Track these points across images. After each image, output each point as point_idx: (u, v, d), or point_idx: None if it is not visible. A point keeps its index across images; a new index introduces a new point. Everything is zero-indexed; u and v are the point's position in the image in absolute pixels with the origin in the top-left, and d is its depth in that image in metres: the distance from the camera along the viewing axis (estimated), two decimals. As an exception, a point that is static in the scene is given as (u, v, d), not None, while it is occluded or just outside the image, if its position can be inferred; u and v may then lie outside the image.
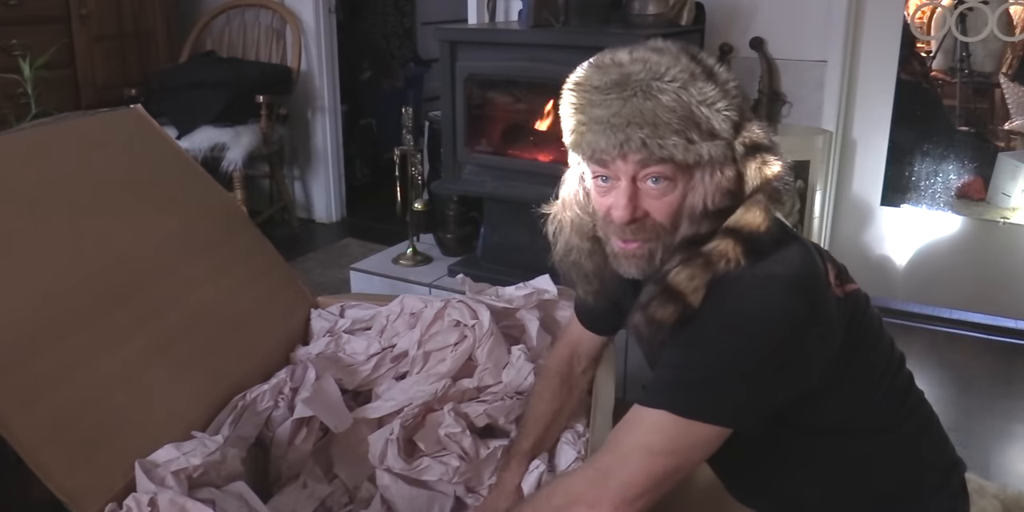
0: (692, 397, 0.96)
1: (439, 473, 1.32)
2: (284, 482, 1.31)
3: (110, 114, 1.66)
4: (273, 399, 1.36)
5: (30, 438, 1.04)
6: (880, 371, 1.12)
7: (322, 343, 1.57)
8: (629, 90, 0.97)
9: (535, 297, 1.63)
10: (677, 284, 0.97)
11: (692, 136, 0.96)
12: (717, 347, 0.96)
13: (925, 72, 2.96)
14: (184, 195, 1.64)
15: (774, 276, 0.96)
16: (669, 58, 0.99)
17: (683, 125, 0.96)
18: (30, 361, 1.11)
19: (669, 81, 0.97)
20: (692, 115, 0.96)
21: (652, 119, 0.96)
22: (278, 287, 1.68)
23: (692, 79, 0.97)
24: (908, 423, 1.15)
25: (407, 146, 2.63)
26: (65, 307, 1.22)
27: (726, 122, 0.98)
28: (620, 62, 1.00)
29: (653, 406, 0.98)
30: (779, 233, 1.01)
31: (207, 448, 1.13)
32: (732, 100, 0.99)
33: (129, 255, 1.39)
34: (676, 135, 0.96)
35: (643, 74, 0.97)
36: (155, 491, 1.03)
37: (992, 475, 1.95)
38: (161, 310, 1.37)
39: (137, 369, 1.25)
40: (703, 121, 0.97)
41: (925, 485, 1.15)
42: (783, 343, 0.95)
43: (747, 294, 0.95)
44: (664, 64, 0.98)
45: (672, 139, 0.96)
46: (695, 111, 0.96)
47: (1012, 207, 2.83)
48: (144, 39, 3.70)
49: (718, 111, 0.97)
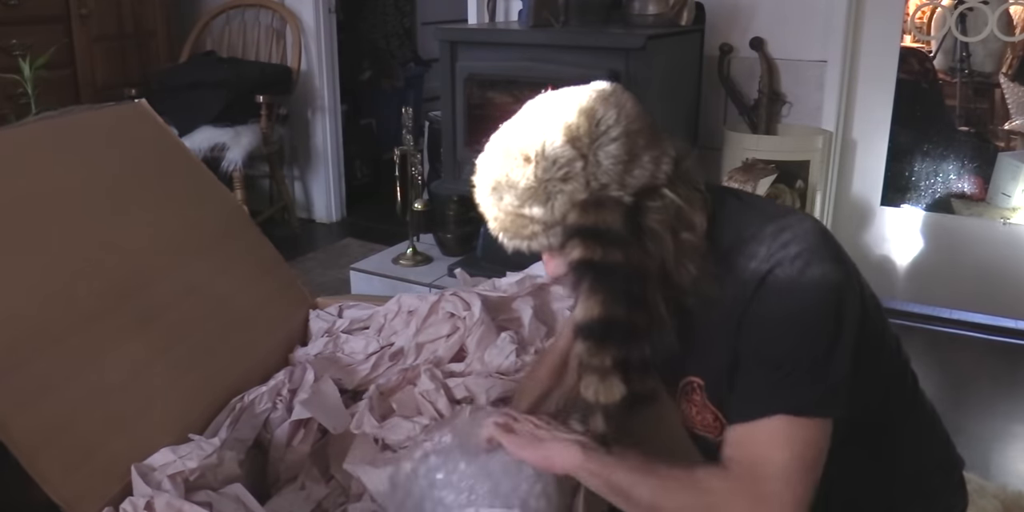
0: (797, 392, 0.95)
1: (407, 431, 1.31)
2: (282, 484, 1.31)
3: (115, 108, 1.65)
4: (271, 401, 1.36)
5: (27, 441, 1.04)
6: (888, 368, 1.12)
7: (320, 343, 1.57)
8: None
9: (527, 282, 1.62)
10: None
11: (529, 233, 0.99)
12: (794, 340, 0.95)
13: (927, 71, 2.96)
14: (185, 193, 1.63)
15: (804, 251, 0.96)
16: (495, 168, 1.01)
17: (517, 226, 1.00)
18: (28, 363, 1.11)
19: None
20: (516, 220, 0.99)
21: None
22: (277, 288, 1.68)
23: (496, 190, 0.99)
24: (912, 421, 1.15)
25: (407, 146, 2.63)
26: (65, 307, 1.21)
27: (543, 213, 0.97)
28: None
29: (766, 414, 0.95)
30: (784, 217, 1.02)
31: (203, 451, 1.12)
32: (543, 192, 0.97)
33: (129, 255, 1.39)
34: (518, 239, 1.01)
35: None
36: (151, 495, 1.03)
37: (992, 475, 1.95)
38: (161, 311, 1.36)
39: (135, 371, 1.24)
40: (527, 221, 0.99)
41: (926, 484, 1.16)
42: (841, 311, 0.95)
43: (792, 275, 0.95)
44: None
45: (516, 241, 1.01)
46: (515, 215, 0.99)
47: (1012, 207, 2.83)
48: (144, 39, 3.70)
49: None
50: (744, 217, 1.03)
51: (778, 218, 1.01)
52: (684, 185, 1.00)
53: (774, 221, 1.00)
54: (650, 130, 0.99)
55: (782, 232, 0.98)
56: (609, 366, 0.97)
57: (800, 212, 1.05)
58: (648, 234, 0.97)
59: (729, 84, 2.83)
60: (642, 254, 0.96)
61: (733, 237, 1.00)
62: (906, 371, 1.16)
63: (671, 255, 0.97)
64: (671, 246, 0.97)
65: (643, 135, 0.97)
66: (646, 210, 0.97)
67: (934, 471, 1.17)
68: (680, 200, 0.98)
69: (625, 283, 0.96)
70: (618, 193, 0.96)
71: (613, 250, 0.95)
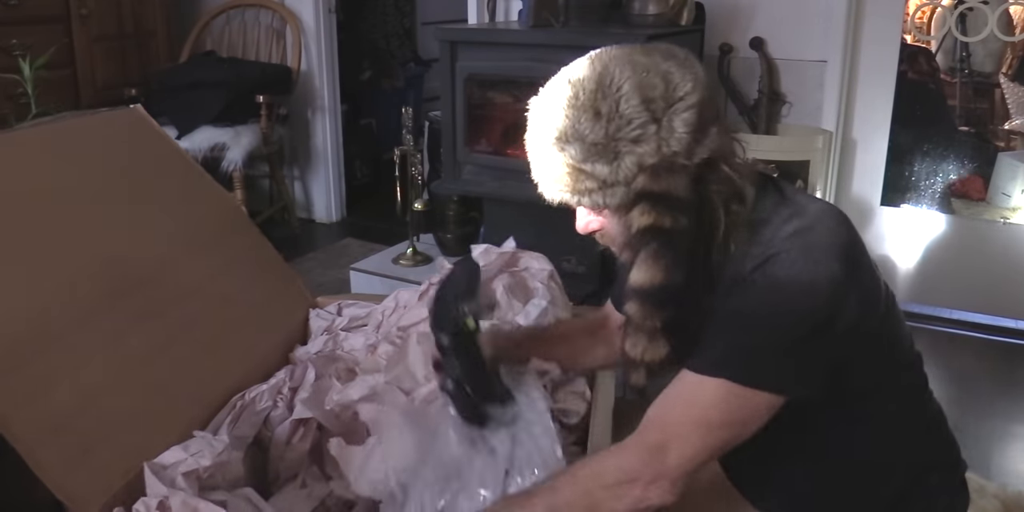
0: (752, 365, 0.97)
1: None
2: (283, 482, 1.31)
3: (109, 114, 1.66)
4: (272, 399, 1.36)
5: (30, 437, 1.04)
6: (901, 365, 1.13)
7: (320, 341, 1.57)
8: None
9: (493, 252, 1.63)
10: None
11: (583, 188, 0.99)
12: (769, 314, 0.96)
13: (934, 72, 2.96)
14: (184, 195, 1.63)
15: (815, 243, 0.97)
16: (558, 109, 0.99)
17: (571, 181, 0.99)
18: (30, 360, 1.11)
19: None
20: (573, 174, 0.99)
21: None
22: (278, 287, 1.68)
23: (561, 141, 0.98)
24: (920, 421, 1.16)
25: (407, 146, 2.63)
26: (65, 307, 1.22)
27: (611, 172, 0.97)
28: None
29: (710, 374, 0.98)
30: (807, 201, 1.03)
31: (215, 448, 1.13)
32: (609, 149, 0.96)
33: (129, 255, 1.39)
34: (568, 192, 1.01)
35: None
36: (165, 494, 1.02)
37: (992, 475, 1.95)
38: (161, 310, 1.37)
39: (136, 369, 1.25)
40: (584, 177, 0.98)
41: (929, 483, 1.16)
42: (829, 305, 0.96)
43: (793, 262, 0.96)
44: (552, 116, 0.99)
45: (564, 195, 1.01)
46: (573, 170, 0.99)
47: (1012, 207, 2.83)
48: (144, 39, 3.70)
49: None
50: (770, 199, 1.04)
51: (800, 206, 1.03)
52: (736, 158, 1.01)
53: (794, 208, 1.02)
54: (714, 102, 0.99)
55: (795, 219, 1.00)
56: (659, 327, 0.99)
57: (826, 203, 1.06)
58: (706, 205, 0.98)
59: (729, 84, 2.84)
60: (698, 225, 0.98)
61: (757, 217, 1.01)
62: (915, 370, 1.17)
63: (722, 225, 0.99)
64: (723, 217, 0.99)
65: (711, 107, 0.97)
66: (706, 181, 0.98)
67: (936, 471, 1.17)
68: (734, 173, 0.99)
69: (688, 250, 0.97)
70: (686, 161, 0.95)
71: (681, 217, 0.96)
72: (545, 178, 1.02)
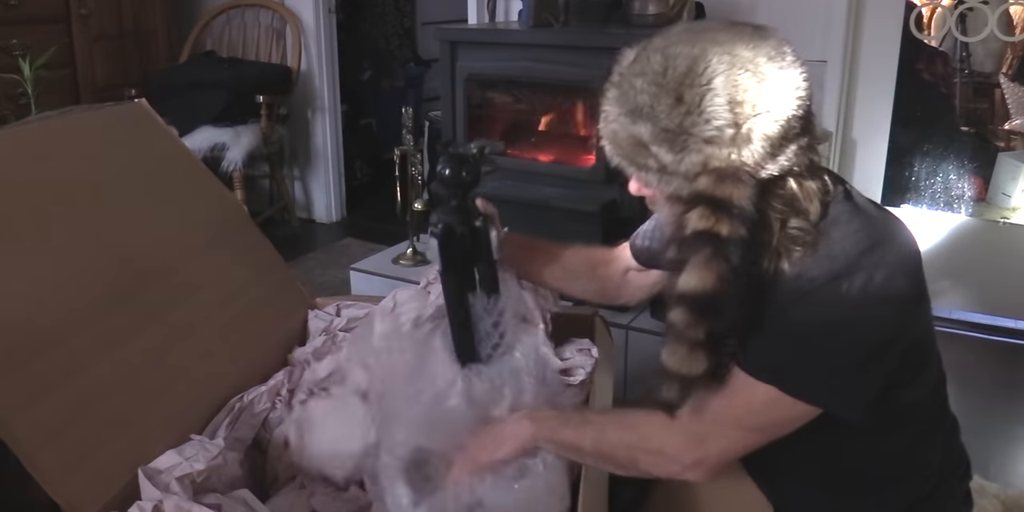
0: (805, 378, 0.97)
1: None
2: (281, 483, 1.30)
3: (114, 109, 1.65)
4: (270, 400, 1.36)
5: (28, 440, 1.04)
6: (935, 381, 1.16)
7: (318, 342, 1.57)
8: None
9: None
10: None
11: (643, 164, 0.97)
12: (834, 331, 0.95)
13: (948, 75, 2.95)
14: (186, 193, 1.63)
15: (887, 262, 0.95)
16: (643, 81, 0.95)
17: (633, 153, 0.97)
18: (30, 362, 1.11)
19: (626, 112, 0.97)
20: (637, 148, 0.97)
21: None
22: (277, 288, 1.68)
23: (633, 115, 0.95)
24: (937, 433, 1.17)
25: (407, 146, 2.63)
26: (66, 307, 1.21)
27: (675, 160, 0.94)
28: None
29: (763, 380, 0.98)
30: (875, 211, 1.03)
31: (209, 452, 1.12)
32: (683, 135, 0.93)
33: (130, 255, 1.39)
34: (626, 161, 0.99)
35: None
36: (159, 498, 1.02)
37: (992, 475, 1.95)
38: (161, 311, 1.36)
39: (135, 371, 1.24)
40: (647, 155, 0.96)
41: (938, 492, 1.17)
42: (894, 327, 0.96)
43: (865, 281, 0.94)
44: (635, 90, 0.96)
45: (623, 162, 1.00)
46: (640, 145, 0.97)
47: (1012, 207, 2.83)
48: (144, 39, 3.70)
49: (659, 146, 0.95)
50: (840, 208, 1.00)
51: (871, 218, 1.01)
52: (811, 173, 0.97)
53: (864, 219, 1.00)
54: (807, 114, 0.95)
55: (866, 232, 0.98)
56: (700, 340, 0.95)
57: (892, 215, 1.05)
58: (762, 219, 0.95)
59: (729, 84, 2.83)
60: (752, 236, 0.94)
61: (832, 229, 0.98)
62: (943, 386, 1.18)
63: (774, 244, 0.96)
64: (776, 232, 0.96)
65: (800, 120, 0.93)
66: (770, 195, 0.95)
67: (946, 481, 1.18)
68: (799, 190, 0.96)
69: (741, 261, 0.93)
70: (754, 171, 0.92)
71: (739, 227, 0.92)
72: (610, 137, 0.99)
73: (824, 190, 0.99)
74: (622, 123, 0.96)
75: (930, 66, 2.83)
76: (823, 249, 0.96)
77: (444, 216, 1.20)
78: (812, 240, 0.96)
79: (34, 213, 1.28)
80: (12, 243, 1.21)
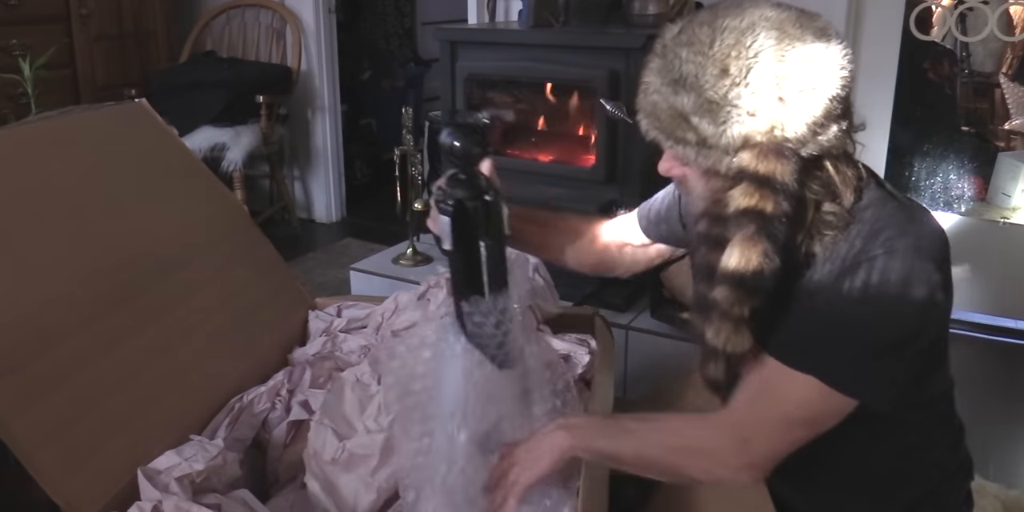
0: (844, 367, 0.96)
1: None
2: (282, 484, 1.30)
3: (115, 108, 1.65)
4: (270, 401, 1.36)
5: (28, 440, 1.04)
6: (947, 380, 1.15)
7: (318, 343, 1.57)
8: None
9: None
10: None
11: (681, 137, 0.96)
12: (867, 316, 0.95)
13: (954, 76, 2.95)
14: (186, 193, 1.63)
15: (920, 247, 0.95)
16: (689, 52, 0.94)
17: (672, 126, 0.97)
18: (30, 362, 1.11)
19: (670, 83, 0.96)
20: (677, 120, 0.96)
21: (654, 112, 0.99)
22: (277, 288, 1.68)
23: (675, 84, 0.95)
24: (946, 434, 1.17)
25: (407, 146, 2.63)
26: (66, 307, 1.21)
27: (716, 134, 0.93)
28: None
29: (801, 369, 0.97)
30: (902, 202, 1.02)
31: (209, 453, 1.12)
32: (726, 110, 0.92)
33: (131, 255, 1.38)
34: (664, 135, 0.98)
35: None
36: (159, 498, 1.02)
37: (992, 475, 1.95)
38: (161, 311, 1.36)
39: (135, 371, 1.24)
40: (687, 128, 0.95)
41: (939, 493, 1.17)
42: (924, 312, 0.95)
43: (897, 265, 0.94)
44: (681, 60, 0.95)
45: (660, 135, 0.99)
46: (680, 117, 0.96)
47: (1012, 207, 2.83)
48: (144, 39, 3.70)
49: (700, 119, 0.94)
50: (873, 194, 1.01)
51: (902, 205, 1.01)
52: (847, 159, 0.98)
53: (896, 206, 1.00)
54: (848, 96, 0.95)
55: (899, 218, 0.98)
56: (746, 317, 0.96)
57: (927, 210, 1.05)
58: (800, 200, 0.95)
59: (729, 84, 2.83)
60: (793, 216, 0.94)
61: (865, 212, 0.99)
62: (951, 387, 1.17)
63: (807, 225, 0.96)
64: (812, 215, 0.96)
65: (843, 102, 0.94)
66: (809, 175, 0.95)
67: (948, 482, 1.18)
68: (836, 174, 0.96)
69: (786, 239, 0.94)
70: (796, 148, 0.92)
71: (783, 203, 0.92)
72: (648, 110, 0.98)
73: (859, 176, 1.00)
74: (664, 93, 0.95)
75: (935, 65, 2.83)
76: (855, 232, 0.97)
77: (454, 191, 1.14)
78: (844, 224, 0.97)
79: (34, 213, 1.28)
80: (12, 243, 1.21)
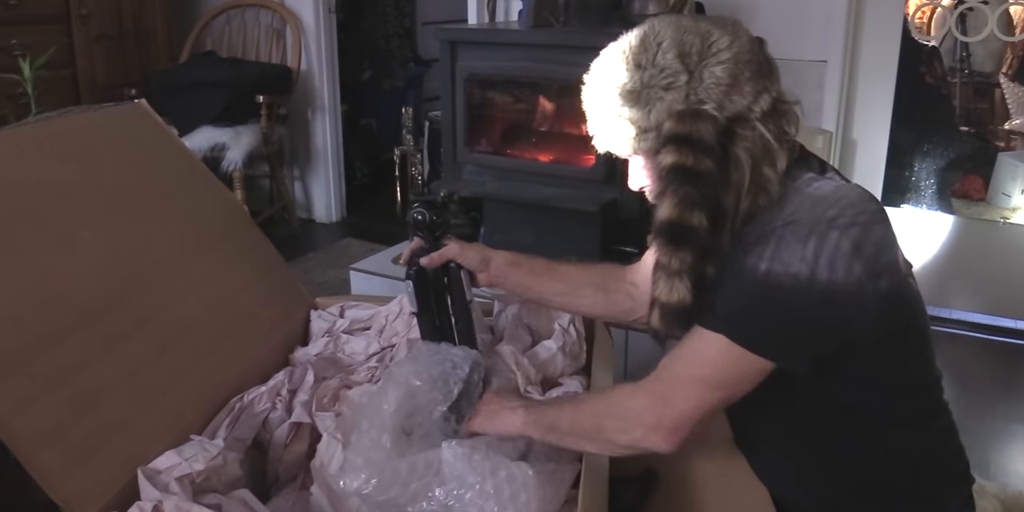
0: (750, 326, 1.00)
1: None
2: (282, 484, 1.30)
3: (114, 109, 1.65)
4: (271, 401, 1.36)
5: (28, 440, 1.04)
6: (920, 365, 1.18)
7: (321, 344, 1.56)
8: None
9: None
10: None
11: (621, 135, 1.05)
12: (777, 279, 0.98)
13: (944, 75, 2.96)
14: (186, 193, 1.63)
15: (833, 218, 0.99)
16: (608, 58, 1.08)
17: (612, 128, 1.06)
18: (29, 363, 1.11)
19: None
20: (613, 121, 1.06)
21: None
22: (278, 288, 1.68)
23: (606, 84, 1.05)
24: (932, 426, 1.17)
25: (407, 146, 2.64)
26: (65, 307, 1.21)
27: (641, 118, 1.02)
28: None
29: (712, 329, 1.01)
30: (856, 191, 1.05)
31: (209, 452, 1.12)
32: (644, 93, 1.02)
33: (131, 255, 1.39)
34: (611, 142, 1.08)
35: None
36: (159, 498, 1.02)
37: (992, 475, 1.95)
38: (161, 311, 1.36)
39: (135, 371, 1.24)
40: (621, 122, 1.04)
41: (929, 490, 1.17)
42: (838, 280, 0.97)
43: (809, 233, 0.98)
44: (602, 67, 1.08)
45: (609, 143, 1.09)
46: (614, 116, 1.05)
47: (1012, 207, 2.84)
48: (144, 39, 3.70)
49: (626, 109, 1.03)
50: (808, 171, 1.07)
51: (835, 184, 1.05)
52: (776, 125, 1.04)
53: (827, 183, 1.05)
54: (758, 66, 1.03)
55: (824, 192, 1.02)
56: (677, 269, 1.01)
57: (869, 193, 1.08)
58: (732, 160, 1.01)
59: (729, 84, 2.83)
60: (724, 176, 1.01)
61: (790, 184, 1.04)
62: (932, 378, 1.20)
63: (746, 185, 1.01)
64: (748, 176, 1.01)
65: (750, 67, 1.02)
66: (736, 136, 1.01)
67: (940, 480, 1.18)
68: (770, 136, 1.02)
69: (709, 191, 1.00)
70: (714, 112, 1.00)
71: (703, 159, 0.99)
72: (593, 127, 1.09)
73: (791, 144, 1.06)
74: (596, 105, 1.07)
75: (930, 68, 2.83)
76: (787, 202, 1.02)
77: (417, 258, 1.33)
78: (777, 191, 1.02)
79: (34, 213, 1.28)
80: (12, 243, 1.21)
